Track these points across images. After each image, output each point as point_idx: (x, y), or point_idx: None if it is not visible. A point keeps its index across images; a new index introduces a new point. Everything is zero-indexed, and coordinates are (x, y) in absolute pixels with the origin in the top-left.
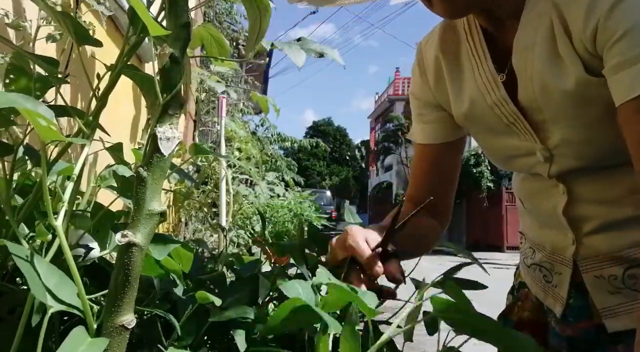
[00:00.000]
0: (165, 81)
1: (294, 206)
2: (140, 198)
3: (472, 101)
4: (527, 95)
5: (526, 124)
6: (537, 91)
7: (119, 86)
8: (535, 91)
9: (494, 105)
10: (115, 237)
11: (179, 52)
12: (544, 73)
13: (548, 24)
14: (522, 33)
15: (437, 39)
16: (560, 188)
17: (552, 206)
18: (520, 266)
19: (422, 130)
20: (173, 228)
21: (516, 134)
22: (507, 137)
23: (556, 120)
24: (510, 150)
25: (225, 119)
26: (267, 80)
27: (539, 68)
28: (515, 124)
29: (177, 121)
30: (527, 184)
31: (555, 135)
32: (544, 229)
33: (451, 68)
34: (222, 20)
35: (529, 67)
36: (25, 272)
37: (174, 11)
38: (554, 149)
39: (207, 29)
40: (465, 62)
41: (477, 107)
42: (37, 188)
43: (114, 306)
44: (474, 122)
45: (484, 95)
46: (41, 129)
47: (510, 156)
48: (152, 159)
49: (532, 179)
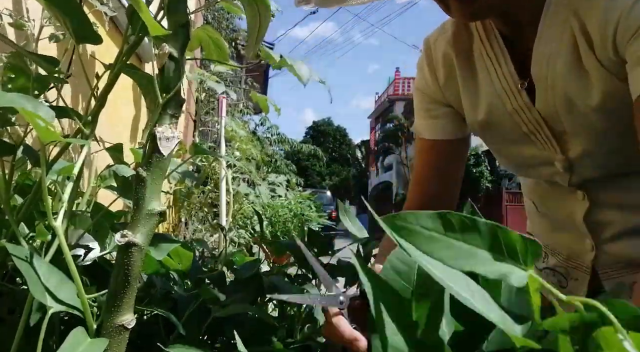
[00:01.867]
0: (165, 81)
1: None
2: (140, 198)
3: (489, 108)
4: (547, 105)
5: (547, 133)
6: (560, 104)
7: (119, 86)
8: (557, 103)
9: (514, 112)
10: (115, 237)
11: (178, 52)
12: (568, 87)
13: (569, 34)
14: (541, 41)
15: (448, 36)
16: (580, 194)
17: (570, 211)
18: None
19: (430, 126)
20: (173, 228)
21: (534, 143)
22: (525, 146)
23: (577, 132)
24: (527, 159)
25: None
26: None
27: (562, 81)
28: (535, 133)
29: (177, 121)
30: (541, 188)
31: (576, 147)
32: (558, 232)
33: (463, 69)
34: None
35: (550, 77)
36: (24, 272)
37: (173, 11)
38: (575, 159)
39: (206, 30)
40: (479, 65)
41: (495, 114)
42: (36, 188)
43: (114, 306)
44: (490, 130)
45: (504, 101)
46: (40, 130)
47: (526, 165)
48: (152, 159)
49: (547, 184)
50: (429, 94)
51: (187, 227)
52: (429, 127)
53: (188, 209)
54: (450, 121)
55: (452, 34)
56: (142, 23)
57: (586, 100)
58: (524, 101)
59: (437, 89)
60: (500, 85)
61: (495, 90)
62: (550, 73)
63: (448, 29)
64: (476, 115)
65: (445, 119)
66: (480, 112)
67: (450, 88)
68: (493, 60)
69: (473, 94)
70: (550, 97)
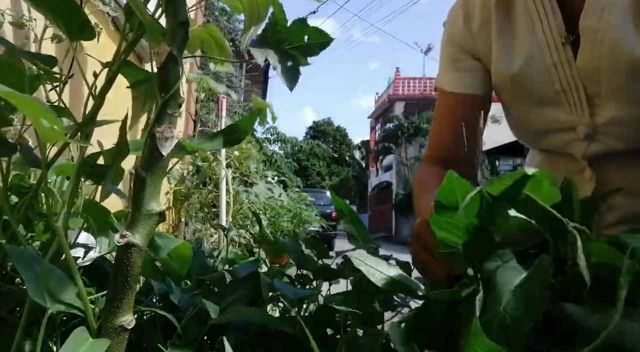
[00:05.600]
0: (164, 80)
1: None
2: (139, 198)
3: (527, 59)
4: (590, 61)
5: (581, 93)
6: (605, 60)
7: (119, 86)
8: (601, 60)
9: (552, 66)
10: (114, 238)
11: (177, 51)
12: (619, 34)
13: None
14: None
15: None
16: (588, 174)
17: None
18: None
19: (456, 79)
20: (173, 228)
21: (562, 105)
22: (550, 108)
23: (613, 95)
24: (548, 122)
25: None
26: (267, 80)
27: (614, 33)
28: (567, 91)
29: (176, 120)
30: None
31: (606, 111)
32: None
33: (502, 17)
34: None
35: (602, 29)
36: (22, 273)
37: (171, 9)
38: (601, 126)
39: (208, 30)
40: (521, 14)
41: (532, 67)
42: (35, 188)
43: (113, 307)
44: (520, 84)
45: (544, 53)
46: (43, 130)
47: (546, 130)
48: (151, 158)
49: (554, 163)
50: (460, 43)
51: (187, 228)
52: (455, 80)
53: (188, 209)
54: (478, 76)
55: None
56: (140, 21)
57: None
58: (566, 55)
59: (469, 37)
60: (544, 37)
61: (537, 41)
62: (603, 25)
63: None
64: (509, 67)
65: (473, 72)
66: (514, 64)
67: (482, 38)
68: (540, 10)
69: (509, 44)
70: (597, 52)
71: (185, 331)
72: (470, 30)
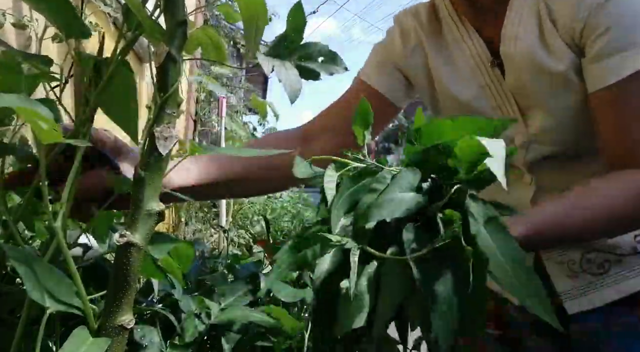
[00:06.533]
0: (162, 80)
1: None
2: (139, 198)
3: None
4: (516, 80)
5: (514, 107)
6: (526, 75)
7: None
8: (524, 77)
9: (485, 86)
10: (114, 237)
11: (176, 51)
12: (535, 57)
13: (536, 17)
14: (510, 23)
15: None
16: (527, 179)
17: (518, 197)
18: None
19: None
20: (173, 228)
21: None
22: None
23: (540, 106)
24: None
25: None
26: (267, 80)
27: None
28: (502, 107)
29: (175, 120)
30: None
31: (537, 121)
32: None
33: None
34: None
35: (518, 54)
36: (22, 273)
37: (170, 9)
38: (534, 134)
39: (205, 31)
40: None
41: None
42: (33, 188)
43: (113, 306)
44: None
45: (477, 77)
46: (41, 132)
47: None
48: (150, 158)
49: None
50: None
51: (187, 227)
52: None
53: (188, 209)
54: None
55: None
56: (138, 21)
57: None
58: (496, 76)
59: (401, 56)
60: (474, 61)
61: (470, 66)
62: (519, 50)
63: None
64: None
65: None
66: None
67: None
68: (466, 39)
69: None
70: (518, 73)
71: (185, 331)
72: (405, 49)
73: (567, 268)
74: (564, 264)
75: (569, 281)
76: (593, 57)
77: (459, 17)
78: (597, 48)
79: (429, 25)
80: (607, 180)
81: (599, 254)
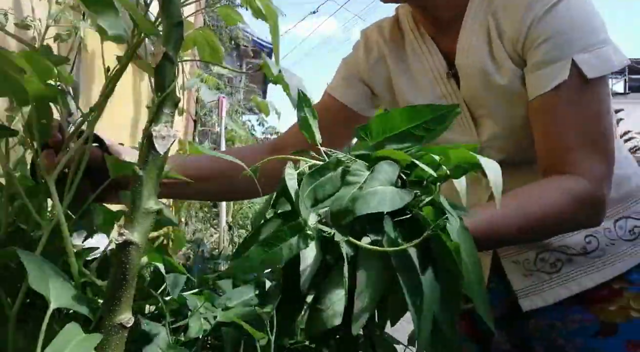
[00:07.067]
0: (159, 80)
1: None
2: (137, 197)
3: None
4: (470, 91)
5: (467, 116)
6: (478, 86)
7: (119, 86)
8: (476, 87)
9: (442, 96)
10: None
11: (173, 51)
12: (485, 70)
13: (486, 31)
14: (464, 36)
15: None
16: (484, 181)
17: (476, 199)
18: None
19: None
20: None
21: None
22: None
23: (490, 115)
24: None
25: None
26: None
27: (480, 66)
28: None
29: (173, 119)
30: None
31: (487, 129)
32: None
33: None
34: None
35: (471, 65)
36: (28, 269)
37: (167, 10)
38: (485, 141)
39: (202, 33)
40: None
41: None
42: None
43: (112, 305)
44: None
45: (435, 88)
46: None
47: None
48: (148, 157)
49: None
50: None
51: (187, 227)
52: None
53: (188, 209)
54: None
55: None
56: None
57: (499, 81)
58: (452, 87)
59: (365, 69)
60: (432, 73)
61: (429, 79)
62: (471, 62)
63: (384, 27)
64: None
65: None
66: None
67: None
68: (424, 50)
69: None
70: (472, 83)
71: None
72: (368, 63)
73: (523, 267)
74: (520, 263)
75: (525, 279)
76: (531, 66)
77: (419, 31)
78: (534, 58)
79: (391, 38)
80: (540, 186)
81: (552, 253)
